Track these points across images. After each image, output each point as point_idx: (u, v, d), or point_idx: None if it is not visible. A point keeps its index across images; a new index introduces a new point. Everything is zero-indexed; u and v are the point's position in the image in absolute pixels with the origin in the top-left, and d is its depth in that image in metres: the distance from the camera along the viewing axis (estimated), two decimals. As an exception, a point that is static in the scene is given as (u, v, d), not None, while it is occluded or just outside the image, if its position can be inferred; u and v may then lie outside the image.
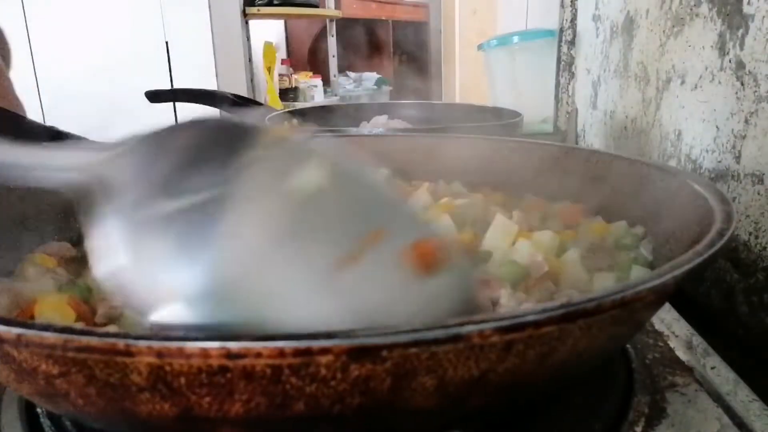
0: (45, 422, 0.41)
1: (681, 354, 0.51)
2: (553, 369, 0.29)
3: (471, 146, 0.71)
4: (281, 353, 0.22)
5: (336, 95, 3.59)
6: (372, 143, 0.76)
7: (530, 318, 0.24)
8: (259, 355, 0.22)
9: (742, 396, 0.46)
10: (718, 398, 0.46)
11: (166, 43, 2.83)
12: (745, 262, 0.66)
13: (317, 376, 0.24)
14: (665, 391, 0.45)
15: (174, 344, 0.23)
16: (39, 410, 0.42)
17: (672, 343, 0.53)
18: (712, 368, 0.50)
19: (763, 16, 0.62)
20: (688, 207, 0.44)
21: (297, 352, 0.23)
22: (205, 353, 0.23)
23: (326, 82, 3.62)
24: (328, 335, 0.23)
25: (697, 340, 0.54)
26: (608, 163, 0.58)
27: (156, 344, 0.23)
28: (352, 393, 0.25)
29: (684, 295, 0.77)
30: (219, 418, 0.26)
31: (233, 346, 0.22)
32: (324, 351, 0.23)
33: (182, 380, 0.24)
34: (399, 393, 0.25)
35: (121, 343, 0.23)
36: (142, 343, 0.23)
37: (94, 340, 0.23)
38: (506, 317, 0.24)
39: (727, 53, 0.69)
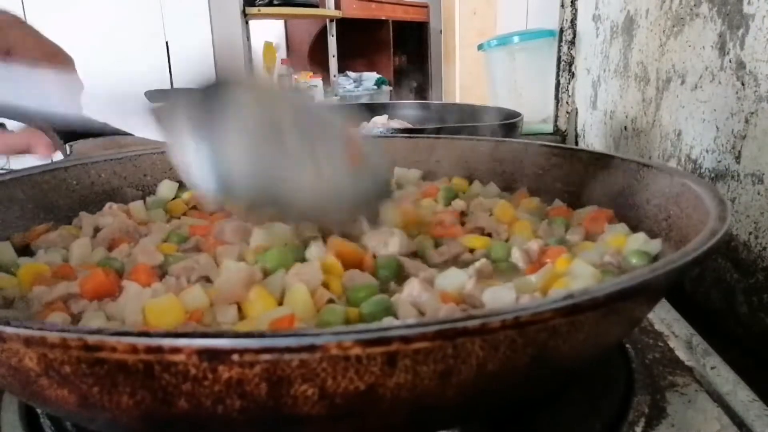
0: (45, 422, 0.41)
1: (681, 354, 0.51)
2: (470, 389, 0.27)
3: (505, 150, 0.71)
4: (134, 349, 0.23)
5: (336, 95, 3.59)
6: (405, 145, 0.76)
7: (396, 333, 0.23)
8: (114, 349, 0.23)
9: (742, 396, 0.46)
10: (718, 398, 0.46)
11: (166, 43, 2.83)
12: (745, 262, 0.66)
13: (188, 374, 0.24)
14: (665, 391, 0.45)
15: (37, 333, 0.24)
16: (39, 410, 0.42)
17: (672, 343, 0.53)
18: (712, 368, 0.50)
19: (764, 16, 0.62)
20: (702, 220, 0.43)
21: (149, 349, 0.23)
22: (64, 343, 0.23)
23: (326, 82, 3.62)
24: (181, 335, 0.23)
25: (697, 340, 0.54)
26: (636, 171, 0.56)
27: (23, 332, 0.24)
28: (230, 395, 0.25)
29: (684, 295, 0.78)
30: (113, 408, 0.26)
31: (90, 338, 0.23)
32: (175, 350, 0.23)
33: (67, 369, 0.25)
34: (280, 399, 0.25)
35: None
36: (10, 330, 0.24)
37: None
38: (370, 330, 0.23)
39: (728, 53, 0.69)
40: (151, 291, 0.43)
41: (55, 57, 0.61)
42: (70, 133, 0.66)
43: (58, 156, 0.68)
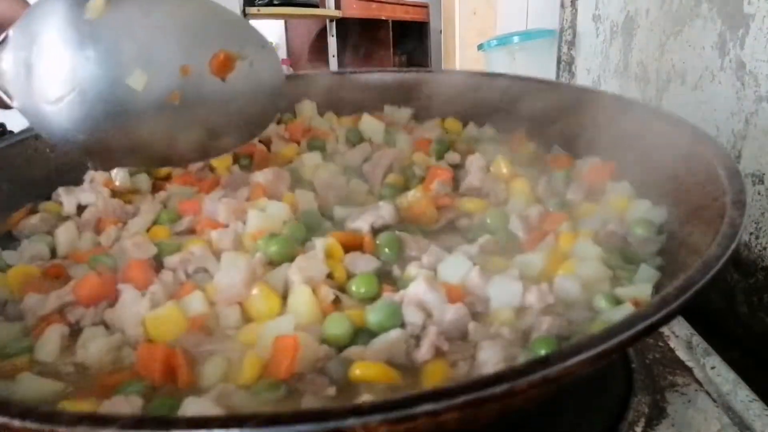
0: None
1: (681, 354, 0.51)
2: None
3: (501, 86, 0.67)
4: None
5: (336, 95, 3.58)
6: (394, 80, 0.73)
7: (425, 408, 0.22)
8: None
9: (742, 396, 0.46)
10: (718, 398, 0.45)
11: (166, 43, 2.82)
12: (745, 262, 0.66)
13: None
14: (665, 391, 0.45)
15: None
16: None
17: (672, 343, 0.53)
18: (712, 368, 0.50)
19: (764, 16, 0.62)
20: (708, 186, 0.42)
21: None
22: None
23: (326, 82, 3.62)
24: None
25: (697, 340, 0.54)
26: (649, 121, 0.52)
27: None
28: None
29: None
30: None
31: None
32: None
33: None
34: None
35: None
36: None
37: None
38: (398, 404, 0.23)
39: (728, 53, 0.69)
40: (149, 294, 0.42)
41: None
42: None
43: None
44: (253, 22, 2.97)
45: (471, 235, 0.50)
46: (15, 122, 0.68)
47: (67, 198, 0.57)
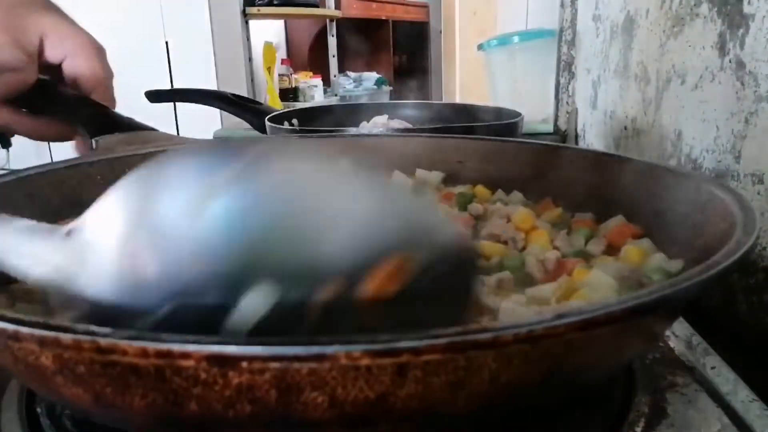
0: (45, 422, 0.41)
1: (681, 354, 0.51)
2: (482, 399, 0.27)
3: (529, 152, 0.68)
4: (144, 353, 0.23)
5: (336, 95, 3.59)
6: (419, 144, 0.74)
7: (406, 344, 0.23)
8: (125, 352, 0.23)
9: (742, 396, 0.46)
10: (718, 398, 0.45)
11: (166, 43, 2.84)
12: (745, 262, 0.66)
13: (198, 379, 0.24)
14: (665, 391, 0.45)
15: (51, 334, 0.24)
16: (39, 410, 0.42)
17: (672, 343, 0.53)
18: (712, 368, 0.50)
19: (764, 16, 0.62)
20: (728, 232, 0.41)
21: (159, 354, 0.23)
22: (78, 345, 0.24)
23: (326, 82, 3.62)
24: (192, 341, 0.23)
25: (697, 340, 0.54)
26: (668, 180, 0.53)
27: (37, 332, 0.24)
28: (240, 400, 0.25)
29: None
30: (126, 407, 0.27)
31: (103, 341, 0.24)
32: (185, 355, 0.23)
33: (82, 368, 0.26)
34: (290, 405, 0.25)
35: (10, 329, 0.25)
36: (26, 330, 0.25)
37: None
38: (380, 341, 0.23)
39: (728, 53, 0.69)
40: None
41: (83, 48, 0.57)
42: (96, 128, 0.65)
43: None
44: (253, 22, 2.97)
45: (486, 273, 0.51)
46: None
47: None
